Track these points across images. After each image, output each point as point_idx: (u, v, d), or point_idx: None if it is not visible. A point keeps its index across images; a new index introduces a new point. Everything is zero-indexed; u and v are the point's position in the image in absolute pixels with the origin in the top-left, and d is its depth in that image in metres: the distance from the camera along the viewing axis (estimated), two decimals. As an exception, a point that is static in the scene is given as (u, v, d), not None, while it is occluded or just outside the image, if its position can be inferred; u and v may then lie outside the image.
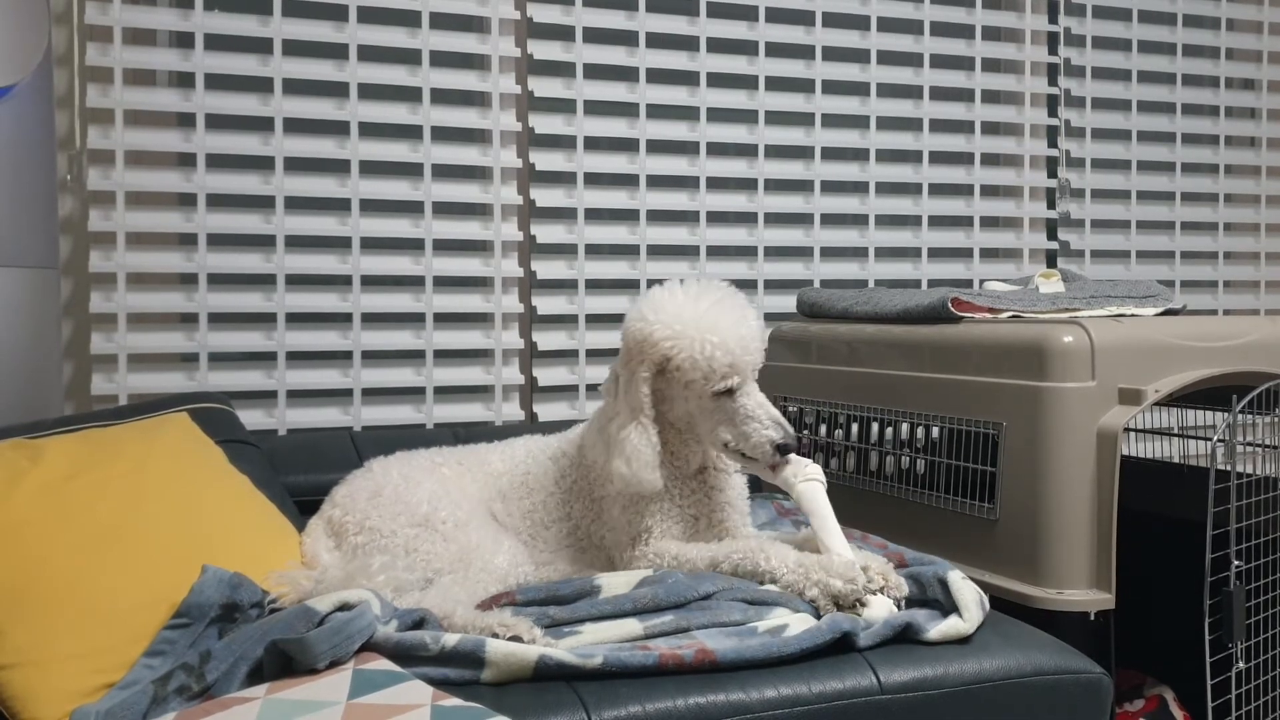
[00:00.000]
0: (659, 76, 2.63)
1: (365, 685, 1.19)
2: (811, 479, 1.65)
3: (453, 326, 2.51)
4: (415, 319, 2.47)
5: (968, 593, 1.52)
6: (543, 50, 2.53)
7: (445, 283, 2.50)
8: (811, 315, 2.39)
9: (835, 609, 1.47)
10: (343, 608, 1.33)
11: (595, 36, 2.59)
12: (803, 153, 2.78)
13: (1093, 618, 1.67)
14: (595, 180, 2.60)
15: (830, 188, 2.82)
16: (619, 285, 2.65)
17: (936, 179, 2.88)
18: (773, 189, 2.76)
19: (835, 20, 2.78)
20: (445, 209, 2.49)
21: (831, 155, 2.81)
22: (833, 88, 2.79)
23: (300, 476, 1.95)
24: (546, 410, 2.58)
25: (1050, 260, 3.02)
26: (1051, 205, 3.01)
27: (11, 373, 1.98)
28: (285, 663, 1.24)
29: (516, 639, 1.34)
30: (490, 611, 1.42)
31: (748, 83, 2.71)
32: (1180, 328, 1.82)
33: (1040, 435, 1.72)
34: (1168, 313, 2.01)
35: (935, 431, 1.96)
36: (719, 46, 2.68)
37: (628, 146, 2.62)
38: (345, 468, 1.79)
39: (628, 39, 2.62)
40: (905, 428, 2.03)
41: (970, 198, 2.92)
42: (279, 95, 2.31)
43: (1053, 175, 3.01)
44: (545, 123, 2.55)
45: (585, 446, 1.72)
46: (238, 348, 2.33)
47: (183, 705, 1.21)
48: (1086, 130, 3.02)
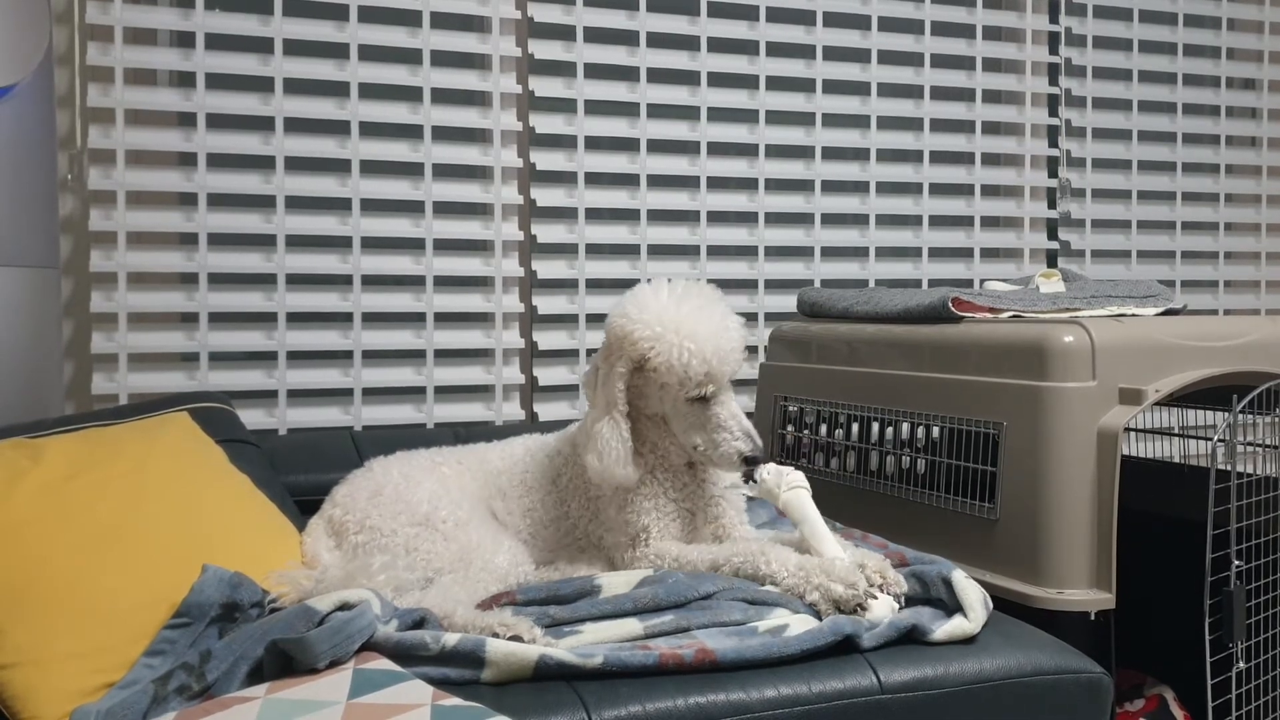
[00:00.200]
0: (659, 76, 2.63)
1: (365, 685, 1.19)
2: (796, 486, 1.65)
3: (453, 326, 2.51)
4: (416, 318, 2.47)
5: (972, 592, 1.52)
6: (543, 50, 2.53)
7: (446, 282, 2.50)
8: (812, 315, 2.39)
9: (836, 613, 1.47)
10: (343, 607, 1.33)
11: (596, 36, 2.59)
12: (803, 152, 2.78)
13: (1093, 617, 1.67)
14: (596, 180, 2.60)
15: (831, 187, 2.82)
16: (619, 285, 2.64)
17: (937, 179, 2.88)
18: (773, 188, 2.76)
19: (836, 20, 2.78)
20: (446, 209, 2.49)
21: (832, 155, 2.81)
22: (833, 87, 2.79)
23: (300, 476, 1.95)
24: (547, 410, 2.58)
25: (1051, 260, 3.02)
26: (1052, 205, 3.01)
27: (12, 372, 1.98)
28: (285, 662, 1.24)
29: (517, 639, 1.34)
30: (491, 611, 1.42)
31: (748, 82, 2.71)
32: (1181, 328, 1.82)
33: (1041, 435, 1.72)
34: (1168, 313, 2.01)
35: (935, 431, 1.96)
36: (719, 46, 2.68)
37: (628, 146, 2.62)
38: (346, 467, 1.80)
39: (628, 38, 2.62)
40: (906, 427, 2.03)
41: (971, 197, 2.92)
42: (279, 95, 2.32)
43: (1053, 175, 3.01)
44: (546, 122, 2.55)
45: (578, 445, 1.72)
46: (238, 347, 2.34)
47: (183, 705, 1.21)
48: (1087, 130, 3.02)
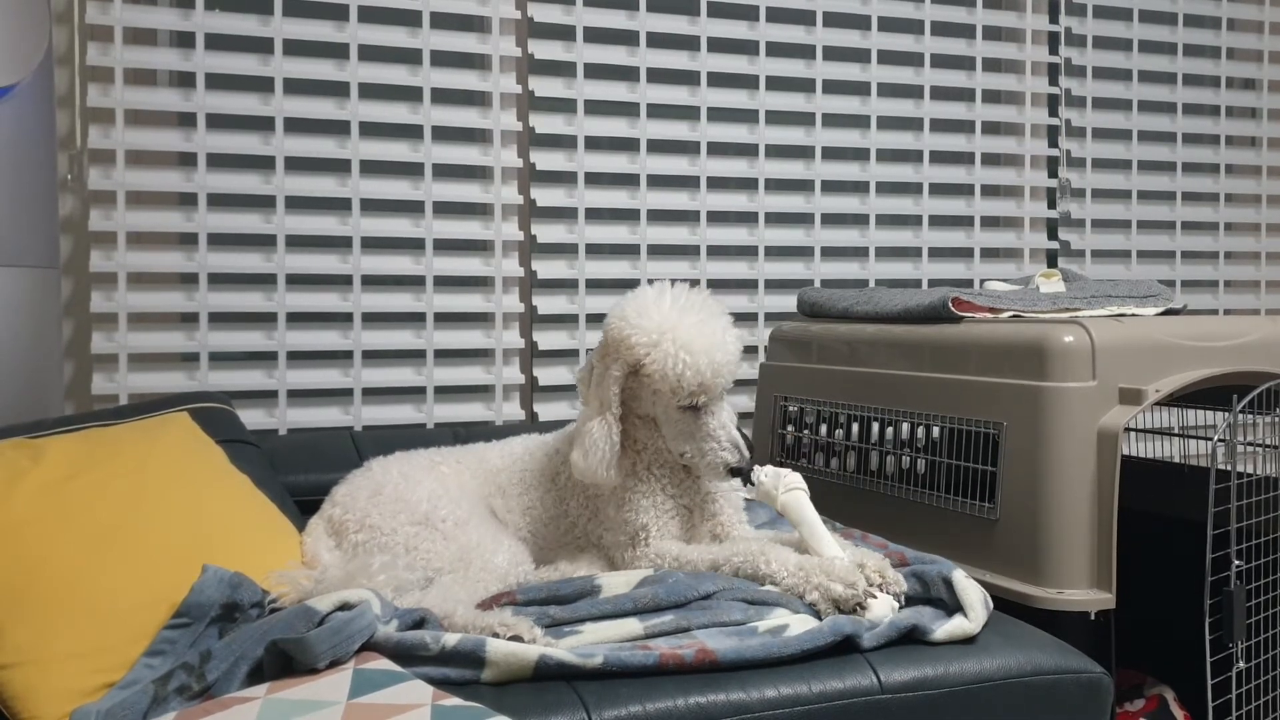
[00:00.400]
0: (659, 76, 2.63)
1: (365, 685, 1.19)
2: (794, 488, 1.65)
3: (453, 326, 2.51)
4: (416, 318, 2.47)
5: (973, 592, 1.52)
6: (543, 50, 2.53)
7: (446, 282, 2.50)
8: (812, 315, 2.39)
9: (836, 612, 1.47)
10: (343, 607, 1.33)
11: (596, 36, 2.59)
12: (803, 152, 2.78)
13: (1093, 617, 1.67)
14: (596, 180, 2.60)
15: (831, 187, 2.81)
16: (619, 285, 2.64)
17: (937, 179, 2.88)
18: (773, 188, 2.76)
19: (836, 20, 2.78)
20: (446, 209, 2.49)
21: (832, 155, 2.81)
22: (833, 87, 2.79)
23: (300, 476, 1.95)
24: (547, 410, 2.58)
25: (1051, 260, 3.02)
26: (1052, 205, 3.01)
27: (12, 372, 1.98)
28: (285, 662, 1.24)
29: (517, 639, 1.34)
30: (491, 611, 1.42)
31: (748, 82, 2.71)
32: (1181, 327, 1.82)
33: (1041, 435, 1.72)
34: (1168, 312, 2.01)
35: (936, 431, 1.96)
36: (719, 46, 2.68)
37: (628, 146, 2.62)
38: (345, 467, 1.80)
39: (628, 38, 2.62)
40: (906, 427, 2.03)
41: (971, 197, 2.92)
42: (279, 95, 2.31)
43: (1053, 175, 3.01)
44: (546, 122, 2.55)
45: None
46: (238, 347, 2.33)
47: (183, 705, 1.21)
48: (1087, 130, 3.01)
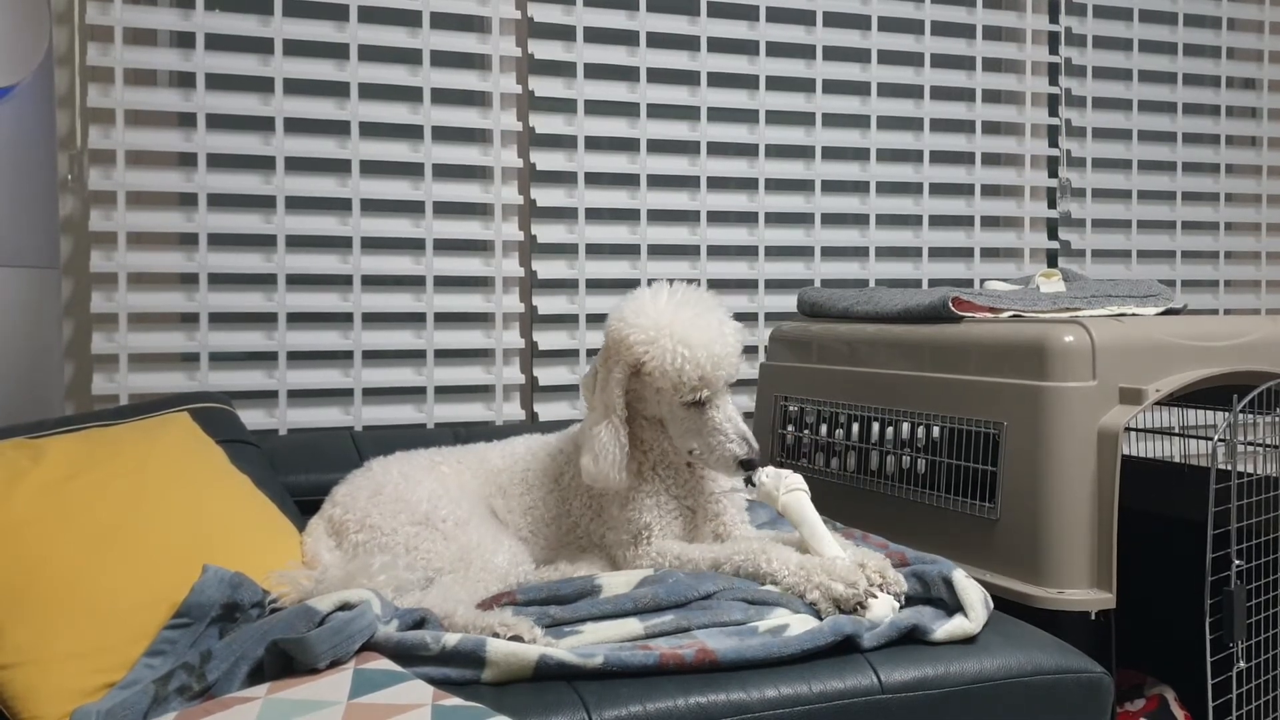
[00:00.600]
0: (660, 76, 2.63)
1: (366, 685, 1.19)
2: (795, 489, 1.64)
3: (453, 326, 2.51)
4: (416, 319, 2.47)
5: (973, 592, 1.52)
6: (543, 50, 2.53)
7: (446, 282, 2.50)
8: (812, 315, 2.39)
9: (837, 612, 1.47)
10: (343, 607, 1.33)
11: (596, 36, 2.59)
12: (803, 152, 2.78)
13: (1093, 617, 1.66)
14: (596, 180, 2.60)
15: (831, 187, 2.81)
16: (620, 285, 2.65)
17: (937, 178, 2.88)
18: (773, 188, 2.76)
19: (836, 20, 2.78)
20: (446, 209, 2.49)
21: (832, 155, 2.81)
22: (833, 87, 2.79)
23: (301, 476, 1.95)
24: (547, 410, 2.58)
25: (1051, 260, 3.02)
26: (1052, 205, 3.01)
27: (12, 373, 1.98)
28: (286, 662, 1.24)
29: (517, 639, 1.34)
30: (491, 611, 1.42)
31: (748, 82, 2.71)
32: (1181, 327, 1.82)
33: (1041, 435, 1.72)
34: (1169, 312, 2.01)
35: (936, 431, 1.96)
36: (720, 46, 2.68)
37: (628, 146, 2.62)
38: (346, 467, 1.80)
39: (628, 39, 2.62)
40: (906, 427, 2.03)
41: (971, 197, 2.92)
42: (280, 95, 2.32)
43: (1053, 175, 3.01)
44: (546, 122, 2.55)
45: (580, 444, 1.72)
46: (238, 347, 2.34)
47: (183, 705, 1.21)
48: (1087, 130, 3.01)
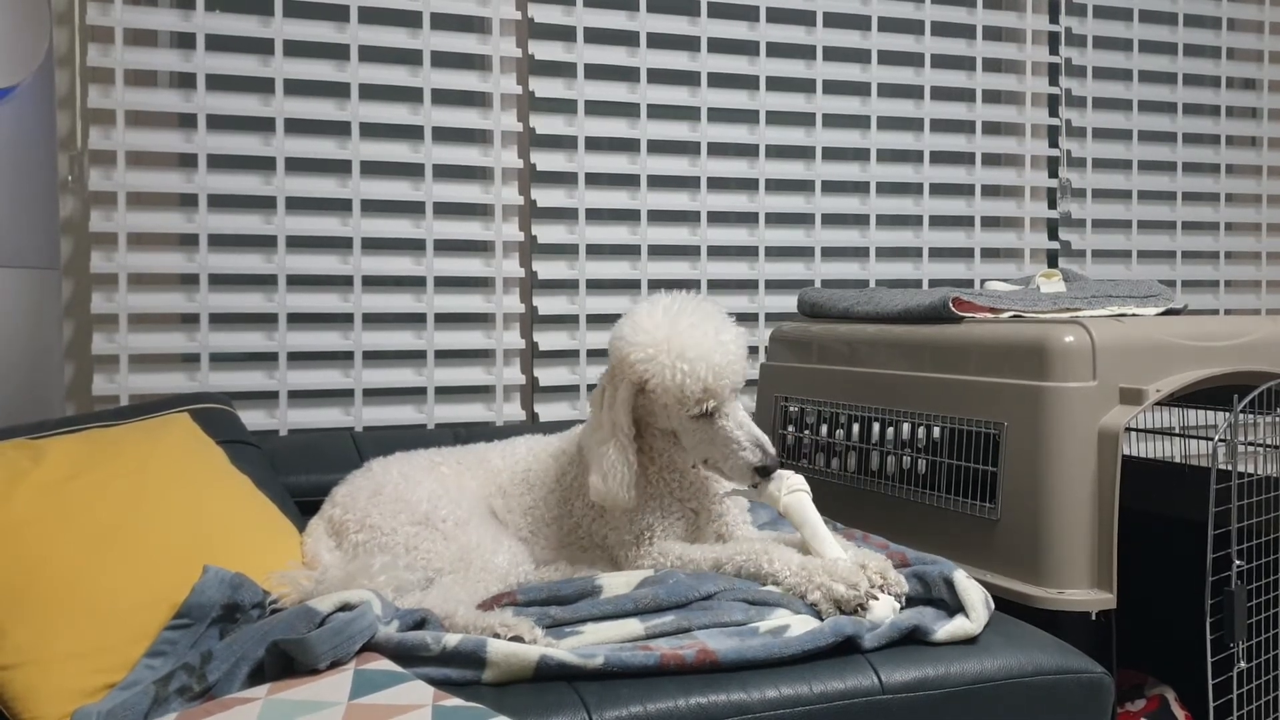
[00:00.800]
0: (660, 77, 2.63)
1: (366, 685, 1.19)
2: (796, 490, 1.64)
3: (454, 327, 2.51)
4: (416, 319, 2.47)
5: (974, 593, 1.52)
6: (544, 51, 2.53)
7: (446, 283, 2.50)
8: (812, 315, 2.39)
9: (838, 613, 1.47)
10: (344, 608, 1.33)
11: (596, 37, 2.59)
12: (804, 153, 2.78)
13: (1094, 617, 1.66)
14: (596, 180, 2.60)
15: (831, 188, 2.82)
16: (620, 285, 2.65)
17: (937, 179, 2.88)
18: (774, 189, 2.76)
19: (836, 20, 2.78)
20: (446, 209, 2.49)
21: (832, 155, 2.81)
22: (833, 88, 2.79)
23: (301, 477, 1.95)
24: (548, 410, 2.58)
25: (1051, 260, 3.02)
26: (1052, 205, 3.01)
27: (13, 373, 1.98)
28: (286, 663, 1.24)
29: (518, 639, 1.34)
30: (491, 612, 1.42)
31: (749, 83, 2.71)
32: (1181, 327, 1.82)
33: (1041, 435, 1.72)
34: (1169, 312, 2.01)
35: (936, 431, 1.96)
36: (720, 47, 2.68)
37: (629, 147, 2.62)
38: (346, 468, 1.80)
39: (629, 39, 2.62)
40: (906, 428, 2.03)
41: (971, 198, 2.92)
42: (280, 96, 2.32)
43: (1054, 175, 3.01)
44: (546, 123, 2.55)
45: (584, 447, 1.72)
46: (239, 348, 2.34)
47: (184, 706, 1.21)
48: (1087, 130, 3.01)
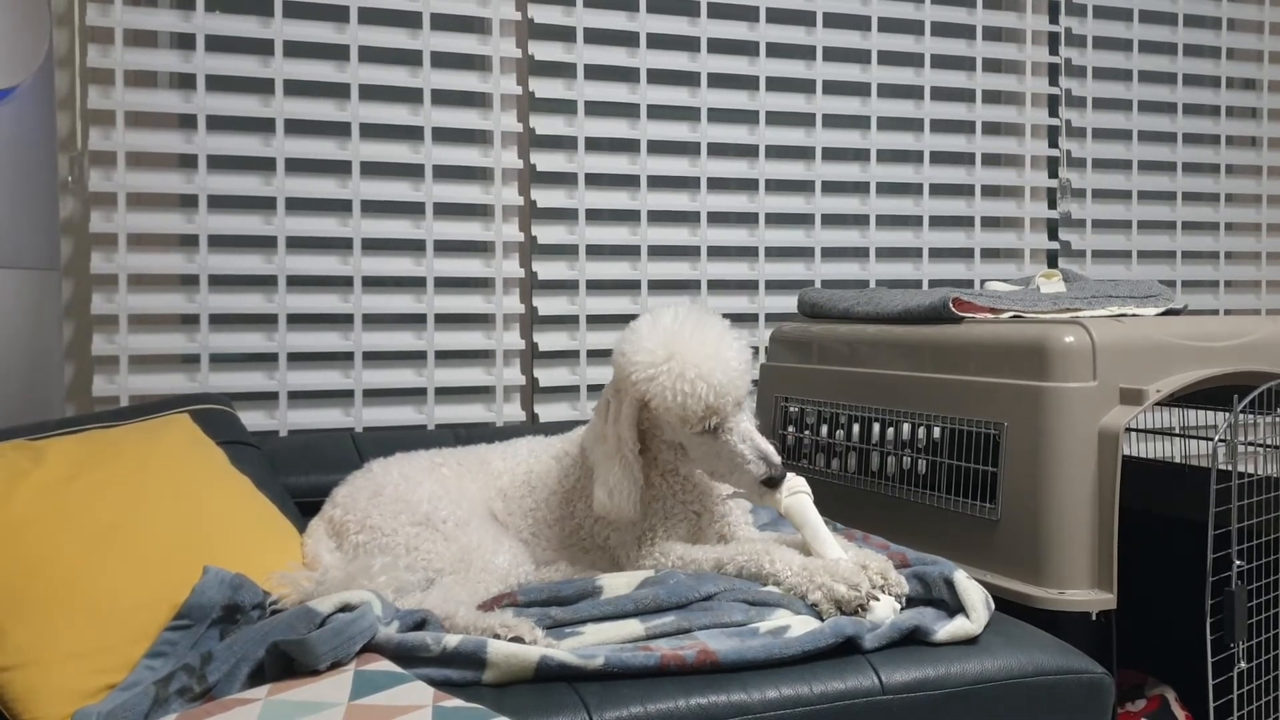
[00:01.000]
0: (660, 77, 2.63)
1: (367, 686, 1.19)
2: (797, 492, 1.64)
3: (454, 327, 2.51)
4: (416, 320, 2.47)
5: (974, 593, 1.52)
6: (544, 51, 2.53)
7: (446, 284, 2.50)
8: (812, 315, 2.39)
9: (839, 613, 1.47)
10: (344, 609, 1.33)
11: (596, 37, 2.59)
12: (804, 153, 2.78)
13: (1094, 618, 1.66)
14: (596, 181, 2.60)
15: (831, 188, 2.82)
16: (620, 286, 2.65)
17: (937, 179, 2.88)
18: (774, 189, 2.76)
19: (836, 21, 2.78)
20: (446, 210, 2.49)
21: (832, 156, 2.81)
22: (833, 88, 2.79)
23: (301, 477, 1.95)
24: (548, 411, 2.58)
25: (1051, 260, 3.02)
26: (1052, 205, 3.01)
27: (13, 374, 1.98)
28: (287, 664, 1.24)
29: (518, 640, 1.34)
30: (492, 612, 1.42)
31: (749, 83, 2.71)
32: (1181, 328, 1.82)
33: (1041, 435, 1.72)
34: (1169, 313, 2.01)
35: (936, 432, 1.96)
36: (720, 47, 2.68)
37: (629, 147, 2.62)
38: (346, 469, 1.79)
39: (629, 40, 2.62)
40: (906, 428, 2.03)
41: (971, 198, 2.92)
42: (280, 96, 2.32)
43: (1054, 175, 3.01)
44: (546, 123, 2.55)
45: (586, 449, 1.72)
46: (239, 349, 2.34)
47: (184, 706, 1.21)
48: (1087, 130, 3.01)
